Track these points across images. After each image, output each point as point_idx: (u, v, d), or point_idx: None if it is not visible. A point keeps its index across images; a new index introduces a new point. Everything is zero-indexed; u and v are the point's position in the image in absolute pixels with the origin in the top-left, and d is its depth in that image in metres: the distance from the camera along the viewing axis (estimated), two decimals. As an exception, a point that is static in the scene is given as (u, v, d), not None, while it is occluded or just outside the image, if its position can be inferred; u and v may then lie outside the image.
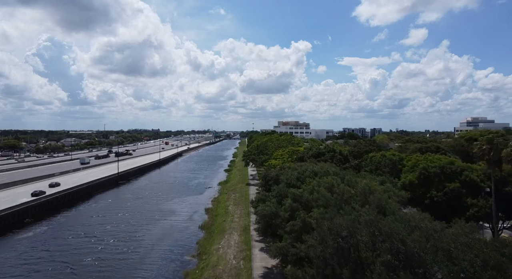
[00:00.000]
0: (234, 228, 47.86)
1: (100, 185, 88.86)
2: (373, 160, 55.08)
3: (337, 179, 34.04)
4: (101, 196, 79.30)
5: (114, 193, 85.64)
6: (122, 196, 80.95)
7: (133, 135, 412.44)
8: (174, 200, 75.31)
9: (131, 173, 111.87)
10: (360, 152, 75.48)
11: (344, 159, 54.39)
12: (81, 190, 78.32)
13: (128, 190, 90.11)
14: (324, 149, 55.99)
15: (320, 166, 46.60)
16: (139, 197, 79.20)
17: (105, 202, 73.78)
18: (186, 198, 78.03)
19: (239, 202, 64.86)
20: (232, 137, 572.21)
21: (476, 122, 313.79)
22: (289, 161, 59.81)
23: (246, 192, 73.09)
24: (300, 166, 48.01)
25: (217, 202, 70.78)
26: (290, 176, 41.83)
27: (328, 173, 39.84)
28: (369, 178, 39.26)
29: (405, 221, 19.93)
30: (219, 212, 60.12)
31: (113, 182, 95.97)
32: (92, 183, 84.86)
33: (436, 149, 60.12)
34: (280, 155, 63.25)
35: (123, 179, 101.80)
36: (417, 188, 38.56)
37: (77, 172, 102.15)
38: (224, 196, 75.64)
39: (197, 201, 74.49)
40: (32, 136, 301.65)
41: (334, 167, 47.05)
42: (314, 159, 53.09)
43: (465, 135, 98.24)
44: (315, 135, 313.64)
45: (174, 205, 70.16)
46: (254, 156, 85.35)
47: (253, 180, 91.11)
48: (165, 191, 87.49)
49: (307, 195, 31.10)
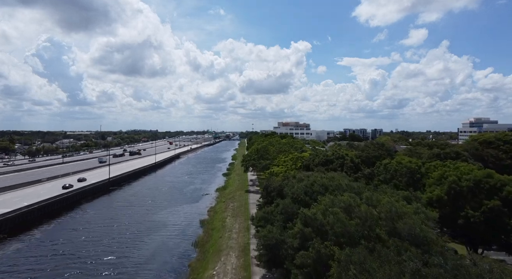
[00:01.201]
0: (231, 247, 41.93)
1: (90, 191, 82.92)
2: (388, 168, 49.25)
3: (355, 197, 28.18)
4: (88, 206, 73.21)
5: (102, 201, 79.58)
6: (111, 205, 74.93)
7: (131, 136, 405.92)
8: (167, 210, 69.34)
9: (124, 178, 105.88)
10: (369, 157, 69.66)
11: (355, 167, 48.53)
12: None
13: (119, 197, 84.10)
14: (332, 155, 50.23)
15: (330, 176, 40.74)
16: (129, 206, 73.22)
17: (91, 212, 67.74)
18: (180, 207, 72.07)
19: (237, 213, 58.95)
20: (231, 138, 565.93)
21: (479, 122, 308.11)
22: (293, 169, 53.97)
23: (245, 201, 67.18)
24: (307, 176, 42.13)
25: (214, 212, 64.85)
26: (296, 190, 35.97)
27: (340, 186, 33.98)
28: (390, 192, 33.41)
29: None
30: (215, 226, 54.19)
31: (104, 188, 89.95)
32: (78, 191, 78.92)
33: (456, 155, 54.27)
34: (283, 162, 57.47)
35: (115, 185, 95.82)
36: (446, 205, 32.72)
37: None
38: (221, 205, 69.74)
39: (192, 211, 68.55)
40: (27, 137, 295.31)
41: (346, 178, 41.21)
42: (322, 168, 47.24)
43: (478, 138, 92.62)
44: (315, 136, 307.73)
45: (166, 216, 64.20)
46: (254, 161, 79.47)
47: (252, 187, 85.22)
48: (158, 198, 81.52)
49: (320, 217, 25.23)
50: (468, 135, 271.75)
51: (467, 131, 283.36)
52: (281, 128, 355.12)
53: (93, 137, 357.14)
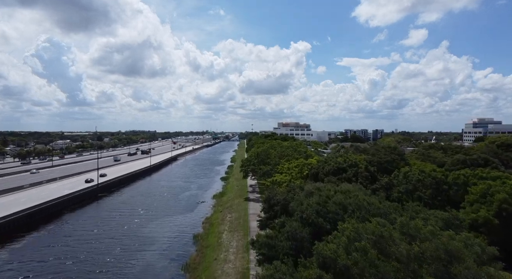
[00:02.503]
0: (228, 273, 35.34)
1: (75, 199, 76.26)
2: (409, 178, 42.65)
3: (386, 224, 21.64)
4: (71, 216, 66.53)
5: (88, 211, 72.88)
6: (97, 215, 68.26)
7: (129, 137, 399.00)
8: (159, 221, 62.71)
9: (115, 183, 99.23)
10: (381, 162, 63.05)
11: (371, 176, 41.91)
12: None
13: (107, 205, 77.43)
14: (344, 163, 43.66)
15: (344, 189, 34.22)
16: (117, 216, 66.58)
17: (72, 224, 61.08)
18: (173, 217, 65.42)
19: (236, 226, 52.32)
20: (230, 139, 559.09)
21: (483, 123, 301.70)
22: (299, 178, 47.40)
23: (244, 211, 60.57)
24: (317, 189, 35.58)
25: (209, 224, 58.23)
26: (306, 208, 29.42)
27: (362, 205, 27.41)
28: (424, 213, 26.90)
29: None
30: (210, 242, 47.56)
31: (91, 195, 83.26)
32: (65, 198, 72.24)
33: (485, 162, 47.72)
34: (287, 169, 50.98)
35: (105, 191, 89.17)
36: (496, 230, 26.17)
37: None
38: (218, 215, 63.13)
39: (186, 222, 61.94)
40: (21, 139, 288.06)
41: (362, 191, 34.65)
42: (333, 177, 40.65)
43: (495, 140, 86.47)
44: (316, 137, 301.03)
45: (156, 228, 57.58)
46: (253, 166, 72.87)
47: (252, 193, 78.59)
48: (150, 206, 74.87)
49: (344, 258, 18.64)
50: (473, 135, 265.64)
51: (472, 131, 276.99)
52: (281, 129, 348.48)
53: (90, 138, 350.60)
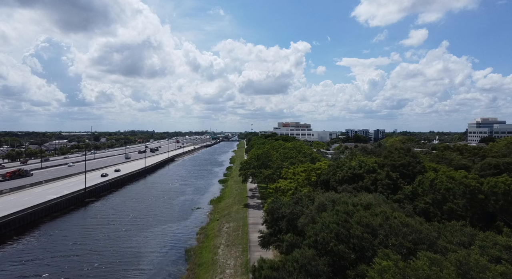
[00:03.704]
0: (223, 304, 29.02)
1: (63, 204, 69.92)
2: (436, 186, 36.37)
3: (442, 263, 15.39)
4: (51, 226, 60.20)
5: (72, 218, 66.51)
6: (82, 223, 61.89)
7: (126, 137, 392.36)
8: (148, 231, 56.39)
9: (106, 186, 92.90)
10: (395, 166, 56.74)
11: (393, 184, 35.57)
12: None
13: (95, 212, 71.04)
14: (360, 168, 37.35)
15: (366, 201, 27.96)
16: (104, 224, 60.26)
17: (53, 234, 54.77)
18: (164, 226, 59.09)
19: (234, 240, 46.03)
20: (230, 139, 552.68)
21: (487, 123, 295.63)
22: (306, 185, 41.08)
23: (243, 220, 54.30)
24: (332, 201, 29.30)
25: (205, 236, 51.90)
26: (320, 228, 23.15)
27: (395, 227, 21.12)
28: (481, 238, 20.67)
29: None
30: (204, 260, 41.22)
31: (78, 200, 76.90)
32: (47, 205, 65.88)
33: (521, 167, 41.56)
34: (292, 174, 44.67)
35: (93, 196, 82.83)
36: None
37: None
38: (214, 224, 56.84)
39: (179, 232, 55.64)
40: (15, 139, 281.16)
41: (389, 204, 28.39)
42: (349, 186, 34.35)
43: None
44: (318, 137, 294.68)
45: (144, 241, 51.25)
46: (253, 169, 66.55)
47: (252, 199, 72.35)
48: (141, 213, 68.54)
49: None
50: (478, 136, 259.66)
51: (477, 131, 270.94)
52: (281, 129, 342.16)
53: (88, 138, 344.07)
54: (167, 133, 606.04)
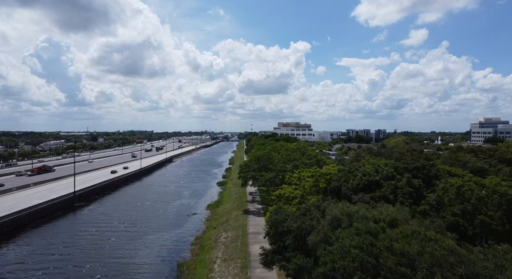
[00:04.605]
0: None
1: (43, 211, 65.22)
2: (465, 194, 31.64)
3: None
4: (33, 234, 55.46)
5: (60, 224, 61.76)
6: (69, 230, 57.13)
7: (124, 137, 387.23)
8: (139, 240, 51.62)
9: (97, 190, 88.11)
10: (408, 169, 51.98)
11: (416, 192, 30.76)
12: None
13: (84, 218, 66.30)
14: (376, 174, 32.47)
15: (389, 215, 23.27)
16: (92, 232, 55.55)
17: (33, 244, 50.02)
18: (157, 235, 54.33)
19: (232, 253, 41.26)
20: (229, 139, 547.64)
21: (491, 123, 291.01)
22: (313, 192, 36.34)
23: (243, 229, 49.55)
24: (348, 215, 24.59)
25: (200, 247, 47.12)
26: (339, 254, 18.44)
27: (439, 256, 16.40)
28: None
29: None
30: (197, 277, 36.44)
31: (66, 204, 72.09)
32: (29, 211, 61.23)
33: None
34: (297, 179, 39.86)
35: (83, 200, 78.01)
36: None
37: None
38: (211, 233, 52.08)
39: (171, 242, 50.87)
40: (11, 139, 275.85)
41: (419, 219, 23.66)
42: (365, 195, 29.58)
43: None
44: (319, 138, 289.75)
45: (133, 253, 46.49)
46: (254, 172, 61.74)
47: (252, 204, 67.62)
48: (132, 220, 63.77)
49: None
50: (482, 136, 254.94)
51: (481, 131, 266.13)
52: (281, 129, 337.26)
53: (86, 139, 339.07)
54: (166, 133, 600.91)
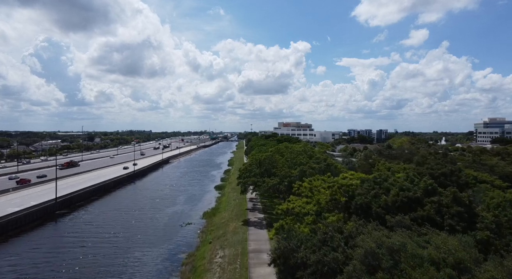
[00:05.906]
0: None
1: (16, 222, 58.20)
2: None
3: None
4: (13, 242, 48.35)
5: (31, 238, 54.64)
6: (39, 246, 50.00)
7: (122, 137, 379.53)
8: (122, 259, 44.51)
9: (87, 193, 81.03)
10: (434, 176, 44.80)
11: (469, 215, 23.56)
12: None
13: (66, 228, 59.19)
14: (414, 187, 25.19)
15: (451, 252, 16.26)
16: (66, 247, 48.47)
17: (16, 256, 42.95)
18: (143, 251, 47.21)
19: (230, 277, 34.16)
20: (229, 139, 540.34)
21: (496, 123, 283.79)
22: (329, 206, 29.24)
23: (243, 246, 42.45)
24: (389, 250, 17.59)
25: (192, 269, 39.95)
26: None
27: None
28: None
29: None
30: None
31: (48, 212, 64.95)
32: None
33: None
34: (309, 190, 32.65)
35: (65, 207, 70.83)
36: None
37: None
38: (206, 250, 44.97)
39: (158, 261, 43.78)
40: (4, 139, 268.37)
41: (496, 262, 16.65)
42: (405, 217, 22.51)
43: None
44: (320, 138, 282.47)
45: (112, 276, 39.43)
46: (255, 178, 54.71)
47: (253, 212, 60.56)
48: (118, 230, 56.69)
49: None
50: (488, 136, 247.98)
51: (487, 132, 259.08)
52: (282, 129, 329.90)
53: (82, 138, 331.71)
54: (165, 133, 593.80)
